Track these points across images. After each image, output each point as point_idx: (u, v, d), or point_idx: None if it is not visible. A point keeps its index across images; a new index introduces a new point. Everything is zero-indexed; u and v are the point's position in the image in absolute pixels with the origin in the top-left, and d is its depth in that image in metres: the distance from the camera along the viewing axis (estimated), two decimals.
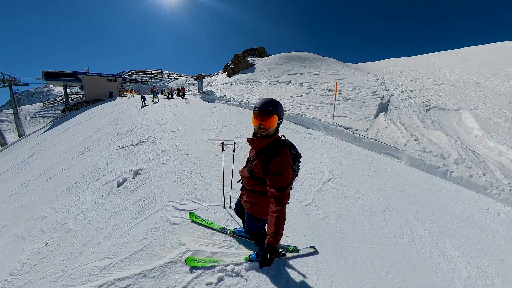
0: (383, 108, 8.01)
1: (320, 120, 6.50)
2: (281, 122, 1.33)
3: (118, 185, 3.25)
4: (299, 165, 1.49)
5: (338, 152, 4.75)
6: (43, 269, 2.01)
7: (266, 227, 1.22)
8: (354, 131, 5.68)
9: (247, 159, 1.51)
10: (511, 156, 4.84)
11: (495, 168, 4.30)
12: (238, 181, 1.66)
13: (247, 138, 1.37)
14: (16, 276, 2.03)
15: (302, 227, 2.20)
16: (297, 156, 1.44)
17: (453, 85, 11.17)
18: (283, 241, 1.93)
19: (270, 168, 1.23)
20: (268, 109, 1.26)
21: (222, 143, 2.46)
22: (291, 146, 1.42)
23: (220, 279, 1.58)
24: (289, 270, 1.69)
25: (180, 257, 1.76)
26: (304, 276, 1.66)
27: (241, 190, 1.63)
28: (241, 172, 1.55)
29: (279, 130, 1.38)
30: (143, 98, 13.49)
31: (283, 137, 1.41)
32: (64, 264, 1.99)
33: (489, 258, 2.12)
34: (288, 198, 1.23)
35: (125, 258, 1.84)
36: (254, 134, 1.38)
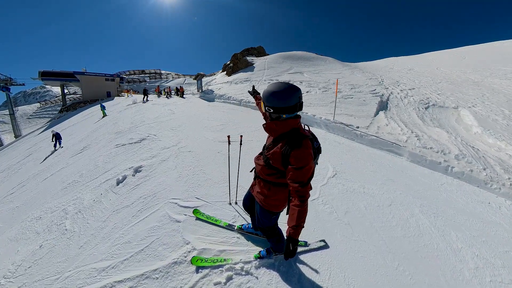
0: (383, 106, 8.03)
1: (321, 117, 6.49)
2: (273, 110, 1.17)
3: (118, 183, 3.17)
4: (317, 160, 1.38)
5: (341, 149, 4.73)
6: (38, 271, 1.94)
7: (287, 221, 1.16)
8: (355, 129, 5.67)
9: (264, 146, 1.40)
10: (510, 151, 4.87)
11: (495, 163, 4.32)
12: (251, 170, 1.55)
13: (263, 124, 1.26)
14: (10, 279, 1.96)
15: (311, 222, 2.17)
16: (318, 150, 1.33)
17: (451, 83, 11.26)
18: None
19: (290, 160, 1.14)
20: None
21: (228, 136, 2.40)
22: (314, 139, 1.30)
23: (229, 278, 1.51)
24: (300, 266, 1.65)
25: (185, 257, 1.68)
26: (316, 271, 1.62)
27: (254, 179, 1.51)
28: (256, 159, 1.45)
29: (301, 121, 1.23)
30: (57, 139, 8.30)
31: (306, 127, 1.31)
32: (61, 266, 1.91)
33: (494, 249, 2.15)
34: (310, 189, 1.17)
35: (125, 259, 1.75)
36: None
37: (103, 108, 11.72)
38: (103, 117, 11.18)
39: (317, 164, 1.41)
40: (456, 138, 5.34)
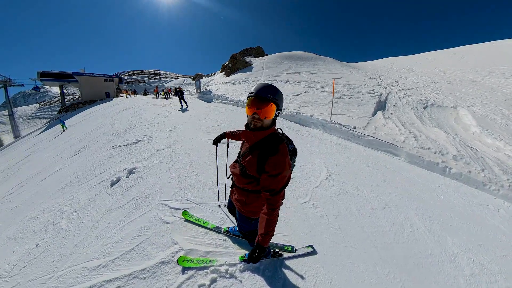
0: (381, 106, 8.00)
1: (318, 118, 6.46)
2: (279, 113, 1.16)
3: (112, 184, 3.19)
4: (294, 162, 1.37)
5: (336, 149, 4.70)
6: (32, 270, 1.97)
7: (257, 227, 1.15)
8: (352, 129, 5.64)
9: (239, 153, 1.36)
10: (508, 152, 4.83)
11: (493, 164, 4.28)
12: (228, 177, 1.54)
13: (239, 130, 1.27)
14: (5, 278, 1.98)
15: (300, 226, 2.14)
16: (294, 152, 1.31)
17: (449, 83, 11.22)
18: (280, 240, 1.88)
19: (265, 167, 1.10)
20: (266, 96, 1.09)
21: None
22: (288, 142, 1.28)
23: (213, 281, 1.52)
24: (286, 271, 1.63)
25: (173, 256, 1.70)
26: (302, 277, 1.59)
27: (231, 187, 1.49)
28: (232, 168, 1.39)
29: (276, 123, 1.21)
30: None
31: (279, 131, 1.25)
32: (54, 265, 1.94)
33: (491, 254, 2.08)
34: (282, 199, 1.14)
35: (116, 258, 1.79)
36: (247, 125, 1.22)
37: (63, 123, 13.08)
38: (63, 131, 12.50)
39: (294, 166, 1.39)
40: (455, 138, 5.30)
